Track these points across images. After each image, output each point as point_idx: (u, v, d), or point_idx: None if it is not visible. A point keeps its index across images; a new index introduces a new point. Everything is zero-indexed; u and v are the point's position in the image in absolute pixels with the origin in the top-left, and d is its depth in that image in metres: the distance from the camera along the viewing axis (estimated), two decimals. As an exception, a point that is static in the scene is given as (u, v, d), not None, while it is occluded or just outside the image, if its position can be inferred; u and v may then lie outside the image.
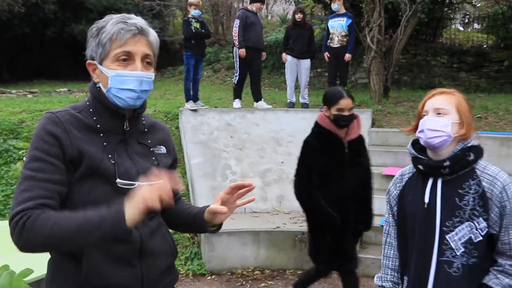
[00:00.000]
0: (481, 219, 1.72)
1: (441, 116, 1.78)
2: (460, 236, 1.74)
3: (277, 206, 5.53)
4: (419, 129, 1.83)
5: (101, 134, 1.46)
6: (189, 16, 7.13)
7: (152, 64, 1.51)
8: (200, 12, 7.18)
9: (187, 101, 7.01)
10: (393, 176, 2.07)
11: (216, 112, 6.70)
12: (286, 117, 6.54)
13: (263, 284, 4.50)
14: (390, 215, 2.02)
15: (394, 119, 6.95)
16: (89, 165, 1.38)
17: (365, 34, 8.31)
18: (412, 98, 8.58)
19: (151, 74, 1.49)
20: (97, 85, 1.49)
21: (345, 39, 7.33)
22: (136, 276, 1.47)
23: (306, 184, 3.12)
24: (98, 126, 1.46)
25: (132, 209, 1.29)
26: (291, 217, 5.24)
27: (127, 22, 1.42)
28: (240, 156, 6.10)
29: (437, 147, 1.80)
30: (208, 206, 1.58)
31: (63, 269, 1.44)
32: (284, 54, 7.72)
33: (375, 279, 2.09)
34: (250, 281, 4.57)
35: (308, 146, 3.16)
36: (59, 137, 1.36)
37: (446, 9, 12.53)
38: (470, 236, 1.73)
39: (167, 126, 1.78)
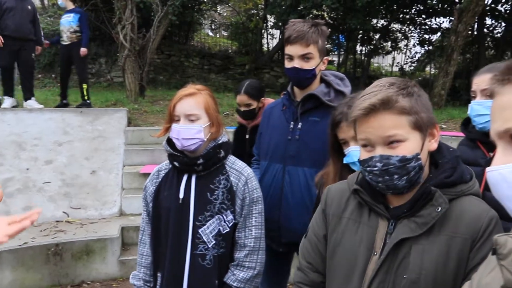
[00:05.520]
0: (228, 212, 1.84)
1: (193, 123, 1.81)
2: (211, 229, 1.82)
3: (23, 219, 4.85)
4: (173, 135, 1.83)
5: None
6: None
7: None
8: None
9: None
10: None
11: None
12: (30, 118, 5.80)
13: (8, 312, 3.87)
14: (145, 212, 1.99)
15: (150, 117, 7.02)
16: None
17: (118, 31, 8.11)
18: (168, 97, 8.84)
19: None
20: None
21: (74, 36, 7.03)
22: None
23: None
24: None
25: None
26: (42, 229, 4.66)
27: None
28: (-28, 166, 5.10)
29: (193, 151, 1.85)
30: None
31: None
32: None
33: (130, 277, 2.03)
34: (-9, 312, 3.87)
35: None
36: None
37: (196, 14, 13.41)
38: (219, 229, 1.82)
39: None
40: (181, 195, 1.85)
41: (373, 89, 1.17)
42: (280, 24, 12.47)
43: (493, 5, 12.70)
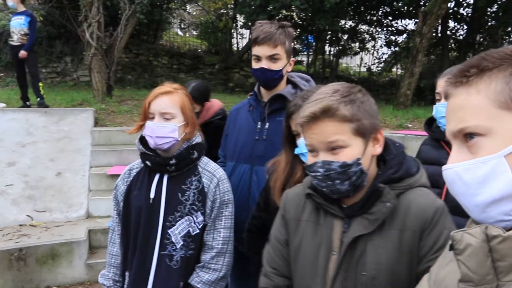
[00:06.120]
0: (199, 213, 1.82)
1: (168, 121, 1.79)
2: (180, 230, 1.80)
3: (-16, 223, 4.67)
4: (147, 133, 1.80)
5: None
6: None
7: None
8: None
9: None
10: (118, 175, 1.99)
11: None
12: (-9, 118, 5.60)
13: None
14: (116, 212, 1.96)
15: (118, 117, 6.89)
16: None
17: (84, 29, 7.91)
18: (137, 97, 8.70)
19: None
20: None
21: (25, 38, 7.03)
22: None
23: None
24: None
25: None
26: (5, 233, 4.51)
27: None
28: None
29: (166, 150, 1.83)
30: None
31: None
32: None
33: (99, 276, 2.00)
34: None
35: None
36: None
37: (164, 13, 13.25)
38: (189, 230, 1.81)
39: None
40: (152, 195, 1.83)
41: (317, 96, 1.21)
42: (249, 24, 12.49)
43: (455, 9, 13.12)
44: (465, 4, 13.17)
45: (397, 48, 14.41)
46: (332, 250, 1.26)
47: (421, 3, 12.05)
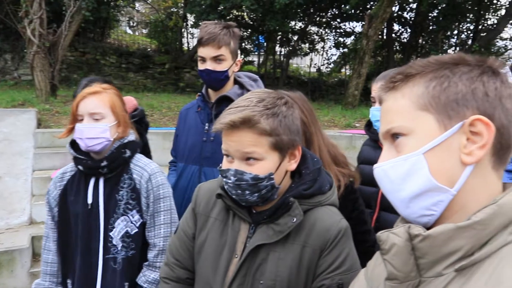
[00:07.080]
0: (134, 211, 1.79)
1: (98, 122, 1.74)
2: (118, 231, 1.77)
3: None
4: (77, 135, 1.75)
5: None
6: None
7: None
8: None
9: None
10: (64, 179, 1.92)
11: None
12: None
13: None
14: (50, 217, 1.89)
15: (63, 118, 6.60)
16: None
17: (25, 25, 7.51)
18: (83, 97, 8.37)
19: None
20: None
21: None
22: None
23: None
24: None
25: None
26: None
27: None
28: None
29: (99, 152, 1.78)
30: None
31: None
32: None
33: (32, 285, 1.91)
34: None
35: None
36: None
37: (112, 10, 12.87)
38: (127, 230, 1.77)
39: None
40: (90, 200, 1.78)
41: (241, 102, 1.20)
42: (200, 23, 12.38)
43: (399, 13, 13.67)
44: (408, 9, 13.76)
45: (345, 50, 14.80)
46: (235, 253, 1.27)
47: (368, 6, 12.45)
